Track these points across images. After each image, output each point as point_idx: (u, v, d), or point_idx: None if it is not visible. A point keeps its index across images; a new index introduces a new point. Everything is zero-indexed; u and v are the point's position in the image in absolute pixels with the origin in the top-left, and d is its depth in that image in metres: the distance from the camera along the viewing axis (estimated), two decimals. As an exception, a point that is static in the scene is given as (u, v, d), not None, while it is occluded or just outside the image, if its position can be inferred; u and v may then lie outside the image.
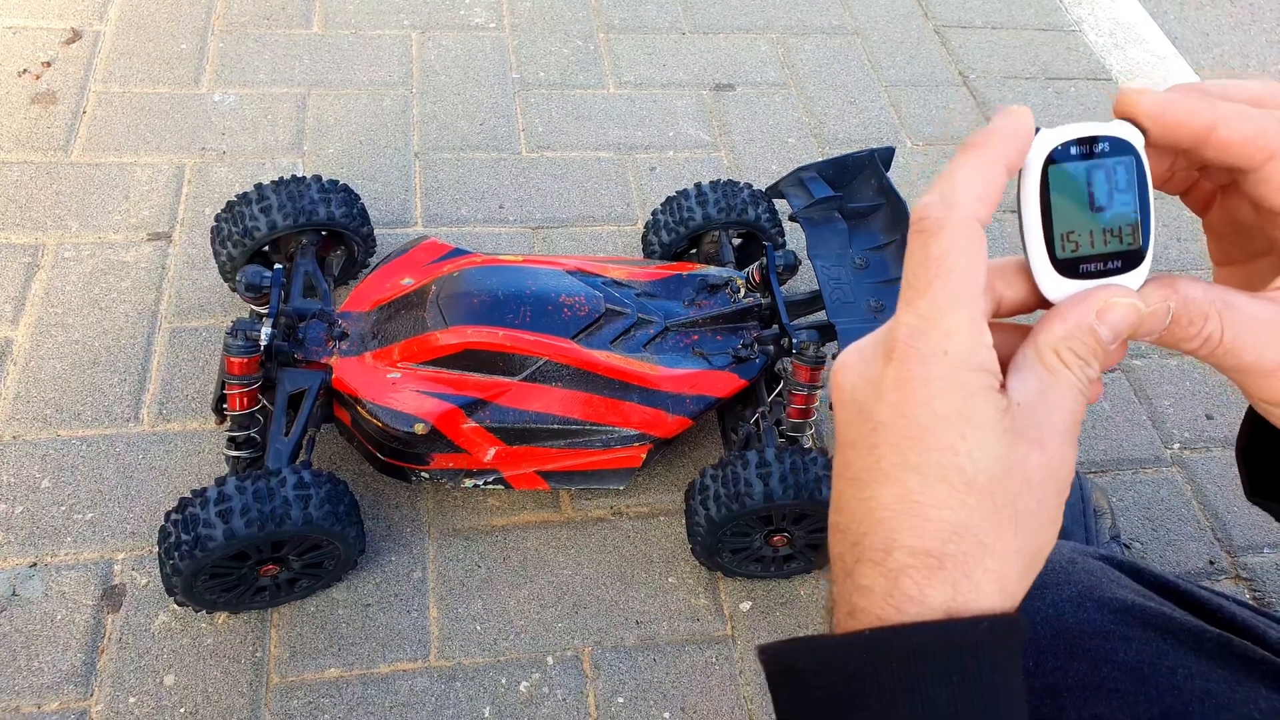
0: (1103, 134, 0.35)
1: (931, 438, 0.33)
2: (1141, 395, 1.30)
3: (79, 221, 1.27)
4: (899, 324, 0.34)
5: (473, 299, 0.99)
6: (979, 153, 0.34)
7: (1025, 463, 0.33)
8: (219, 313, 1.20)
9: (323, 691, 0.93)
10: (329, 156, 1.40)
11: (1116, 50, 1.82)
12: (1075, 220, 0.35)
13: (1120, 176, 0.35)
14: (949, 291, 0.33)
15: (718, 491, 0.94)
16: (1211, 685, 0.52)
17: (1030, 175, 0.35)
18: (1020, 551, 0.33)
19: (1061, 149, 0.35)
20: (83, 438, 1.07)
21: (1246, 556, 1.16)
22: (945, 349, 0.33)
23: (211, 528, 0.84)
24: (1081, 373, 0.34)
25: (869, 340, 0.36)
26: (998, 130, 0.34)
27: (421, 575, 1.02)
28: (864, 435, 0.35)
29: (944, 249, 0.33)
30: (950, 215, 0.33)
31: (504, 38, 1.63)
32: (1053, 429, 0.34)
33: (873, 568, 0.34)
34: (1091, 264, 0.35)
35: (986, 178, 0.34)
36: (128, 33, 1.52)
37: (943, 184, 0.34)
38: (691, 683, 0.98)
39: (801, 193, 1.11)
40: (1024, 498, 0.33)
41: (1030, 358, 0.35)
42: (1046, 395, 0.34)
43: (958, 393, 0.33)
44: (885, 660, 0.33)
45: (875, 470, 0.34)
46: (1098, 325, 0.34)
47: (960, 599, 0.33)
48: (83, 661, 0.92)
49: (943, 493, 0.33)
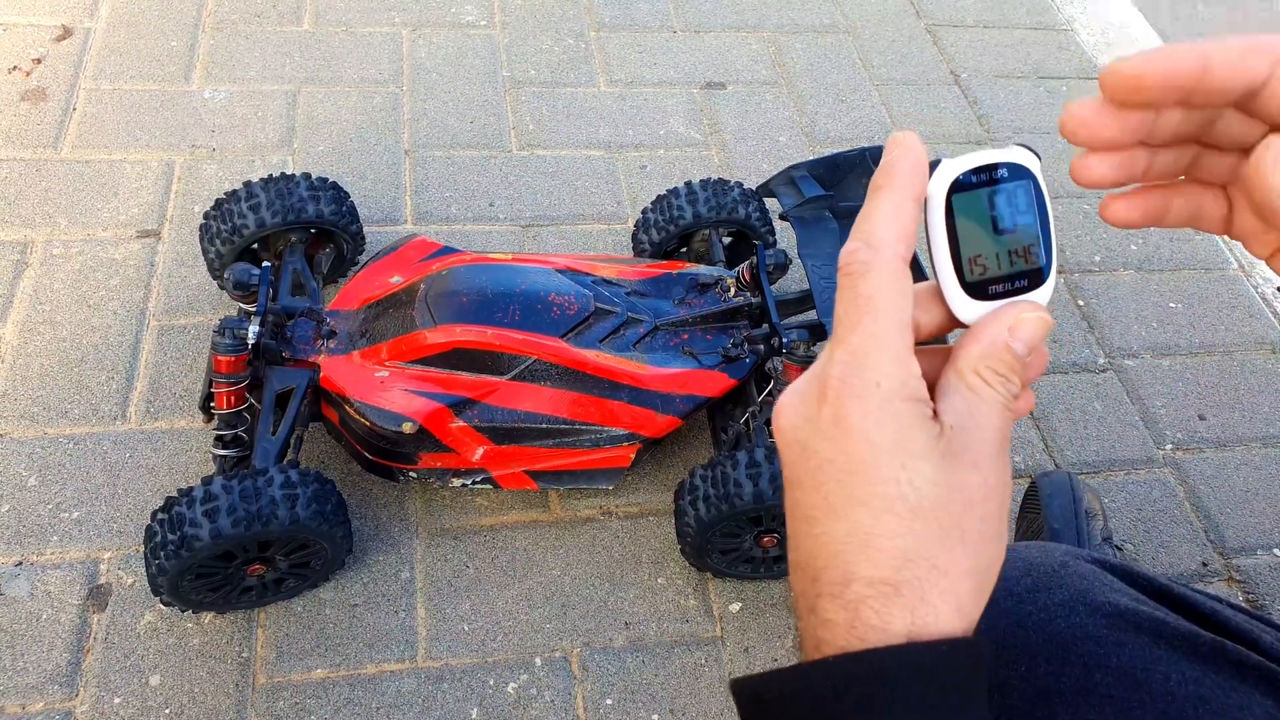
0: (1001, 160, 0.37)
1: (873, 470, 0.34)
2: (1134, 396, 1.30)
3: (68, 219, 1.26)
4: (832, 361, 0.35)
5: (461, 297, 0.98)
6: (888, 194, 0.36)
7: (965, 484, 0.34)
8: (208, 311, 1.20)
9: (309, 692, 0.93)
10: (319, 154, 1.40)
11: (1108, 49, 1.82)
12: (981, 244, 0.37)
13: (1020, 199, 0.37)
14: (878, 325, 0.34)
15: (707, 492, 0.94)
16: (1205, 691, 0.51)
17: (935, 205, 0.37)
18: (971, 569, 0.34)
19: (964, 177, 0.37)
20: (70, 436, 1.07)
21: (1239, 558, 1.15)
22: (877, 382, 0.34)
23: (198, 527, 0.83)
24: (1004, 389, 0.36)
25: (803, 380, 0.37)
26: (899, 168, 0.36)
27: (409, 575, 1.02)
28: (809, 474, 0.36)
29: (871, 288, 0.35)
30: (875, 257, 0.35)
31: (495, 35, 1.63)
32: (984, 447, 0.35)
33: (833, 601, 0.35)
34: (999, 284, 0.37)
35: (901, 217, 0.35)
36: (118, 29, 1.51)
37: (863, 227, 0.36)
38: (680, 684, 0.98)
39: (792, 191, 1.10)
40: (968, 518, 0.34)
41: (954, 381, 0.36)
42: (974, 415, 0.35)
43: (893, 424, 0.34)
44: (849, 685, 0.34)
45: (824, 507, 0.35)
46: (1011, 341, 0.36)
47: (919, 622, 0.33)
48: (68, 661, 0.92)
49: (890, 522, 0.34)
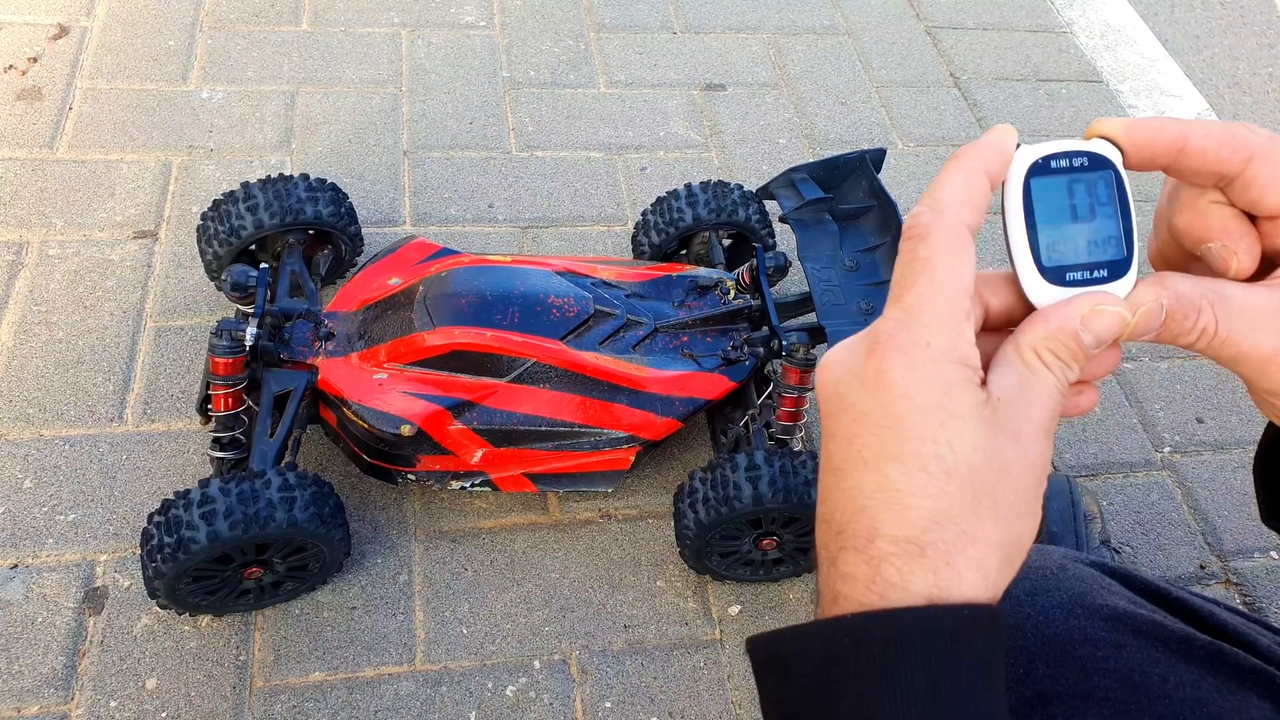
0: (1081, 149, 0.36)
1: (911, 427, 0.33)
2: (1132, 399, 1.30)
3: (64, 219, 1.26)
4: (885, 319, 0.35)
5: (460, 299, 0.98)
6: (963, 163, 0.36)
7: (1003, 454, 0.34)
8: (205, 312, 1.19)
9: (307, 695, 0.92)
10: (317, 155, 1.39)
11: (1107, 52, 1.82)
12: (1059, 230, 0.36)
13: (1101, 190, 0.36)
14: (933, 288, 0.34)
15: (707, 495, 0.94)
16: (1203, 694, 0.51)
17: (1013, 186, 0.36)
18: (1000, 542, 0.34)
19: (1042, 162, 0.36)
20: (66, 437, 1.06)
21: (1237, 561, 1.16)
22: (927, 341, 0.34)
23: (194, 530, 0.83)
24: (1061, 373, 0.35)
25: (855, 337, 0.37)
26: (981, 143, 0.36)
27: (408, 578, 1.01)
28: (845, 426, 0.35)
29: (930, 250, 0.34)
30: (938, 221, 0.35)
31: (494, 36, 1.63)
32: (1030, 424, 0.34)
33: (855, 555, 0.34)
34: (1077, 272, 0.36)
35: (970, 186, 0.35)
36: (115, 29, 1.51)
37: (931, 194, 0.36)
38: (679, 687, 0.97)
39: (792, 194, 1.10)
40: (1002, 489, 0.34)
41: (1010, 355, 0.36)
42: (1025, 392, 0.35)
43: (938, 384, 0.33)
44: (866, 644, 0.33)
45: (856, 460, 0.35)
46: (1081, 330, 0.35)
47: (942, 586, 0.33)
48: (63, 665, 0.91)
49: (922, 481, 0.33)
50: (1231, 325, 0.35)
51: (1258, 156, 0.35)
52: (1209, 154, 0.35)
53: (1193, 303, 0.35)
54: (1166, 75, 1.80)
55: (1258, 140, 0.35)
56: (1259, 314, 0.35)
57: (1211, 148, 0.35)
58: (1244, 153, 0.35)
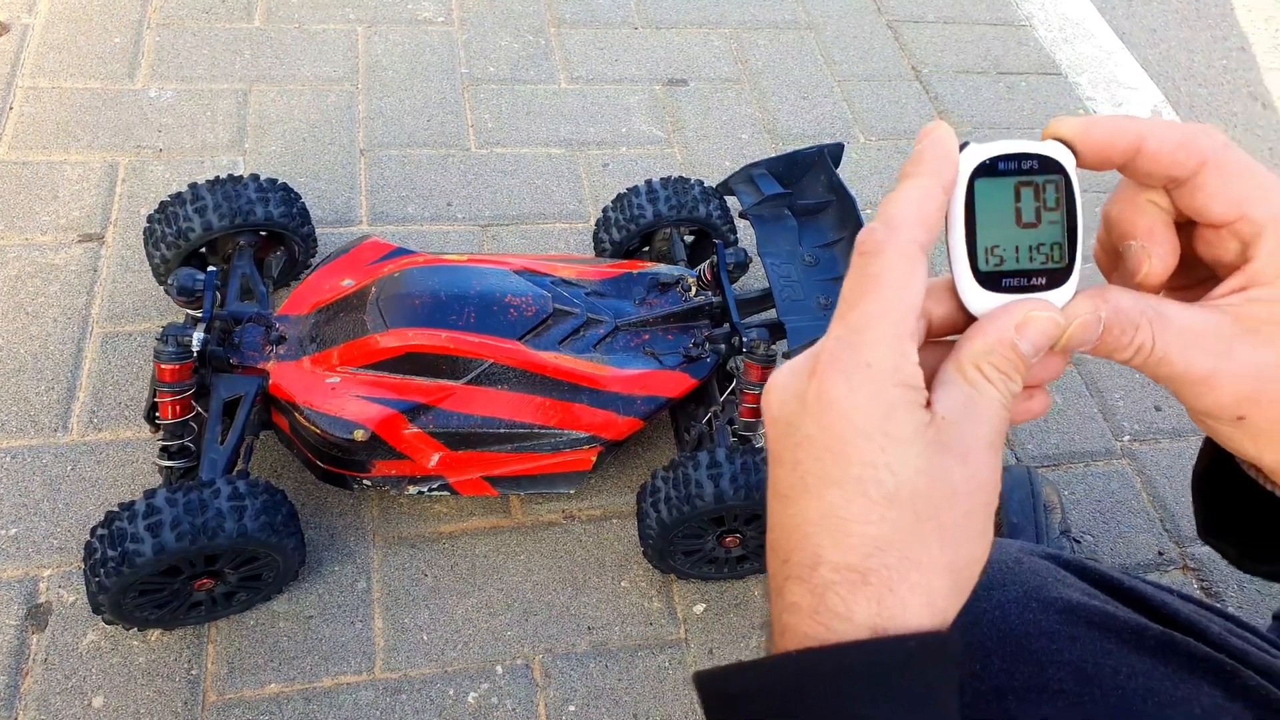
0: (1032, 152, 0.35)
1: (852, 451, 0.33)
2: (1093, 388, 1.31)
3: (4, 222, 1.22)
4: (828, 337, 0.34)
5: (414, 300, 0.96)
6: (915, 179, 0.35)
7: (949, 476, 0.33)
8: (154, 317, 1.16)
9: (262, 708, 0.90)
10: (271, 154, 1.36)
11: (1066, 45, 1.84)
12: (1000, 234, 0.35)
13: (1049, 195, 0.35)
14: (880, 305, 0.33)
15: (669, 493, 0.93)
16: (1154, 683, 0.51)
17: (955, 188, 0.35)
18: (948, 566, 0.33)
19: (989, 163, 0.35)
20: (7, 449, 1.03)
21: (1194, 547, 1.17)
22: (868, 362, 0.33)
23: (140, 542, 0.80)
24: (1004, 386, 0.34)
25: (800, 357, 0.36)
26: (925, 154, 0.35)
27: (366, 585, 0.99)
28: (789, 450, 0.34)
29: (879, 268, 0.33)
30: (891, 238, 0.34)
31: (452, 32, 1.60)
32: (977, 442, 0.33)
33: (800, 584, 0.34)
34: (1015, 279, 0.35)
35: (924, 202, 0.34)
36: (58, 25, 1.46)
37: (884, 209, 0.35)
38: (644, 688, 0.96)
39: (751, 189, 1.09)
40: (948, 511, 0.33)
41: (952, 373, 0.35)
42: (970, 410, 0.34)
43: (879, 406, 0.33)
44: (812, 681, 0.33)
45: (800, 486, 0.34)
46: (1017, 339, 0.34)
47: (886, 615, 0.32)
48: (5, 684, 0.88)
49: (862, 507, 0.32)
50: (1169, 344, 0.34)
51: (1210, 163, 0.34)
52: (1163, 157, 0.34)
53: (1131, 319, 0.34)
54: (1123, 68, 1.82)
55: (1211, 147, 0.34)
56: (1196, 335, 0.34)
57: (1167, 151, 0.34)
58: (1197, 158, 0.34)
